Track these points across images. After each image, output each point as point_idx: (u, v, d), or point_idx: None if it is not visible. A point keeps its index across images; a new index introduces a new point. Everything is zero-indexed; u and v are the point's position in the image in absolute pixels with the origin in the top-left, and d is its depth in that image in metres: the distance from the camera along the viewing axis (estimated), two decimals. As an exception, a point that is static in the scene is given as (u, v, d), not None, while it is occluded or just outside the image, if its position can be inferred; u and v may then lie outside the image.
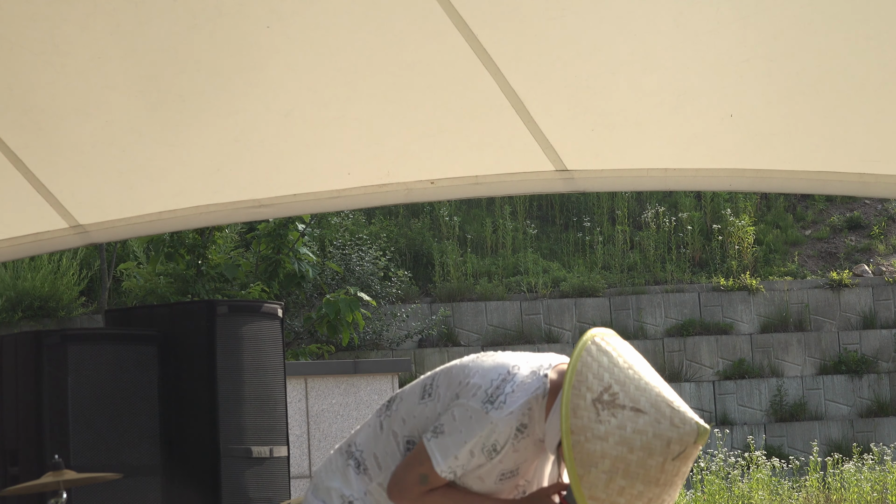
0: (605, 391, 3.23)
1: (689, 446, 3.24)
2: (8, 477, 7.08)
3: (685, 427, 3.24)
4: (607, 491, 3.20)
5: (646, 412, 3.21)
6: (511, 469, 3.44)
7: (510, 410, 3.34)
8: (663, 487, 3.24)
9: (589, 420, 3.20)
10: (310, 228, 15.13)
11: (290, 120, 5.23)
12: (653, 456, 3.20)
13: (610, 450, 3.18)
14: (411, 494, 3.41)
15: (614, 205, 19.94)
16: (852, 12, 4.12)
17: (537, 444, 3.45)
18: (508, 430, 3.34)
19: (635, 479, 3.19)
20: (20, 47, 4.82)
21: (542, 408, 3.38)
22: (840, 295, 18.11)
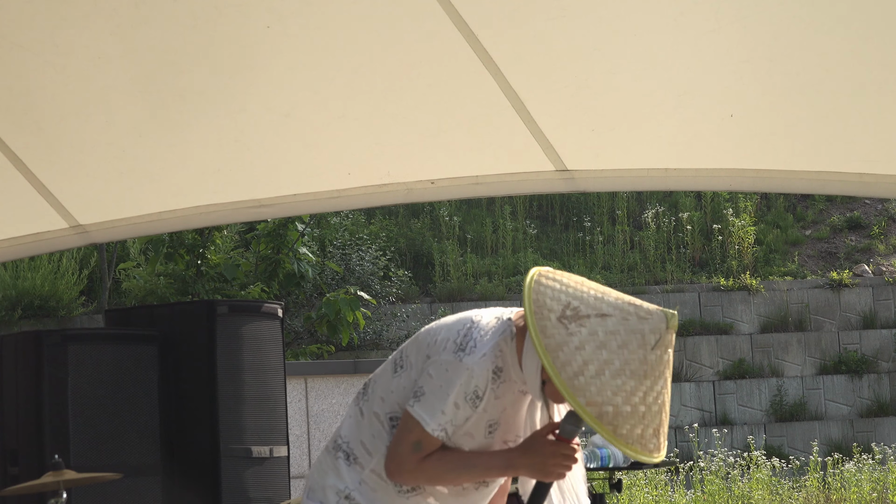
0: (566, 308, 3.30)
1: (662, 333, 3.28)
2: (8, 477, 7.08)
3: (652, 317, 3.30)
4: (601, 394, 3.21)
5: (611, 314, 3.29)
6: (496, 419, 3.44)
7: (483, 353, 3.37)
8: (654, 379, 3.25)
9: (560, 336, 3.25)
10: (309, 228, 15.13)
11: (290, 120, 5.23)
12: (632, 351, 3.25)
13: (590, 356, 3.23)
14: (408, 465, 3.39)
15: (614, 205, 19.94)
16: (852, 12, 4.12)
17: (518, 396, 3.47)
18: (485, 373, 3.36)
19: (623, 376, 3.22)
20: (20, 47, 4.82)
21: (512, 351, 3.42)
22: (840, 295, 18.11)
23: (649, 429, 3.27)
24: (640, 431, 3.26)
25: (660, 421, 3.29)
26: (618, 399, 3.21)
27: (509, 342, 3.42)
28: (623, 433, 3.24)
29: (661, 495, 14.20)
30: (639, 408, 3.23)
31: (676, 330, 3.32)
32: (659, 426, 3.29)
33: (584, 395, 3.21)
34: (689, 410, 17.25)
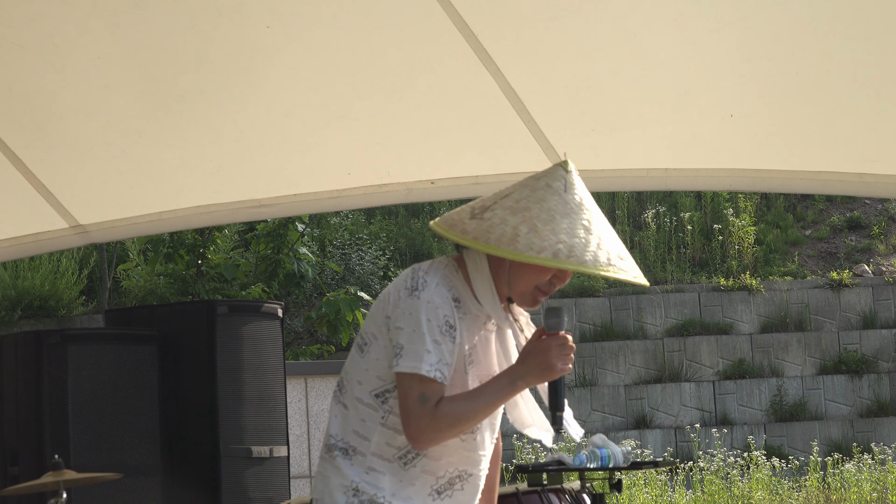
0: (472, 209, 3.42)
1: (565, 177, 3.39)
2: (8, 477, 7.08)
3: (548, 172, 3.42)
4: (547, 240, 3.30)
5: (511, 192, 3.41)
6: (469, 352, 3.43)
7: (434, 283, 3.39)
8: (584, 212, 3.37)
9: (482, 225, 3.34)
10: (309, 228, 15.13)
11: (290, 120, 5.23)
12: (549, 200, 3.35)
13: (517, 221, 3.32)
14: (425, 421, 3.33)
15: (614, 205, 19.94)
16: (852, 12, 4.12)
17: (485, 333, 3.48)
18: (447, 301, 3.37)
19: (554, 221, 3.33)
20: (20, 47, 4.82)
21: (462, 282, 3.44)
22: (840, 295, 18.11)
23: (613, 254, 3.36)
24: (606, 258, 3.35)
25: (619, 247, 3.39)
26: (562, 237, 3.30)
27: (455, 273, 3.45)
28: (588, 259, 3.33)
29: (660, 495, 14.20)
30: (587, 237, 3.34)
31: (575, 170, 3.43)
32: (621, 251, 3.39)
33: (533, 249, 3.28)
34: (689, 410, 17.25)
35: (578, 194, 3.39)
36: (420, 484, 3.43)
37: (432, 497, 3.44)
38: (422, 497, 3.44)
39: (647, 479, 14.30)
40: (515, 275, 3.43)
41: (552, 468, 6.54)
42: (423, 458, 3.42)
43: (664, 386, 17.31)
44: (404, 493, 3.43)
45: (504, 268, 3.43)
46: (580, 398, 17.22)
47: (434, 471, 3.45)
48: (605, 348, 17.55)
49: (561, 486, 6.49)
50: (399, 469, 3.43)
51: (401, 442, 3.41)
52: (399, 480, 3.42)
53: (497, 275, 3.45)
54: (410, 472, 3.43)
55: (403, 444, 3.41)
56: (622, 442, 14.27)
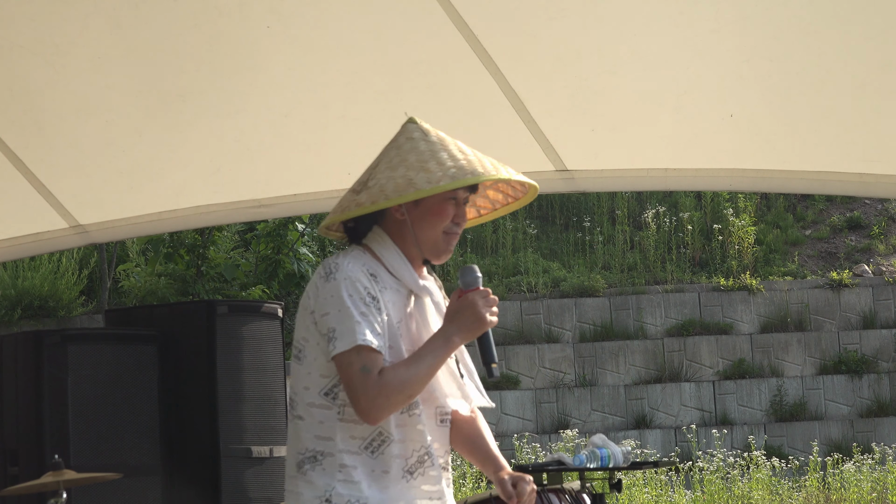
0: (352, 190, 3.52)
1: (418, 127, 3.57)
2: (8, 477, 7.07)
3: (400, 130, 3.59)
4: (437, 171, 3.44)
5: (379, 159, 3.56)
6: (397, 326, 3.46)
7: (347, 262, 3.44)
8: (451, 142, 3.55)
9: (373, 191, 3.46)
10: (309, 228, 15.13)
11: (290, 120, 5.23)
12: (417, 147, 3.52)
13: (402, 172, 3.46)
14: (372, 391, 3.36)
15: (614, 205, 19.94)
16: (852, 12, 4.12)
17: (407, 306, 3.50)
18: (362, 275, 3.42)
19: (434, 156, 3.49)
20: (20, 47, 4.82)
21: (373, 261, 3.49)
22: (840, 295, 18.11)
23: (498, 163, 3.54)
24: (493, 165, 3.53)
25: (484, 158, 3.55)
26: (449, 163, 3.46)
27: (364, 254, 3.50)
28: (484, 170, 3.47)
29: (660, 495, 14.20)
30: (469, 157, 3.51)
31: (412, 120, 3.60)
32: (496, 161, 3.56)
33: (432, 182, 3.41)
34: (689, 410, 17.26)
35: (437, 134, 3.56)
36: (394, 469, 3.45)
37: (406, 479, 3.46)
38: (396, 480, 3.45)
39: (647, 479, 14.30)
40: (420, 228, 3.50)
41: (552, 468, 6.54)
42: (390, 444, 3.44)
43: (664, 386, 17.31)
44: (381, 482, 3.44)
45: (407, 230, 3.50)
46: (580, 398, 17.22)
47: (403, 453, 3.46)
48: (605, 348, 17.55)
49: (561, 486, 6.49)
50: (369, 459, 3.44)
51: (364, 431, 3.42)
52: (372, 470, 3.43)
53: (403, 242, 3.52)
54: (381, 460, 3.44)
55: (367, 433, 3.43)
56: (622, 442, 14.26)
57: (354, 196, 3.48)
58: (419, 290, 3.53)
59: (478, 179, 3.46)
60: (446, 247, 3.55)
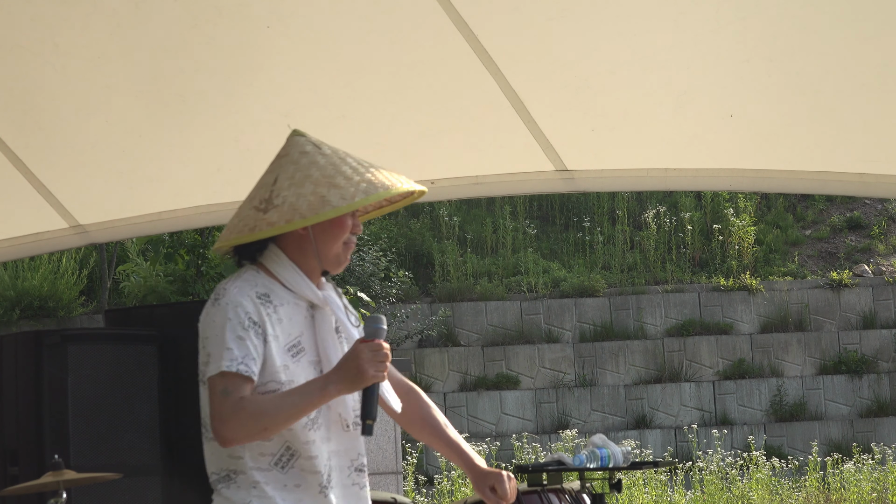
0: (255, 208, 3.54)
1: (308, 140, 3.63)
2: (8, 477, 7.07)
3: (289, 143, 3.65)
4: (348, 188, 3.48)
5: (275, 175, 3.57)
6: (295, 343, 3.49)
7: (235, 286, 3.48)
8: (345, 154, 3.60)
9: (283, 210, 3.47)
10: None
11: (290, 120, 5.22)
12: (316, 162, 3.55)
13: (311, 189, 3.48)
14: (226, 412, 3.43)
15: (614, 205, 19.94)
16: (852, 12, 4.12)
17: (309, 319, 3.54)
18: (247, 299, 3.45)
19: (338, 171, 3.53)
20: (20, 47, 4.82)
21: (267, 279, 3.52)
22: (840, 295, 18.11)
23: (390, 176, 3.57)
24: (395, 178, 3.57)
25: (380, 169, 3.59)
26: (356, 178, 3.49)
27: (258, 273, 3.52)
28: (390, 183, 3.53)
29: (660, 495, 14.20)
30: (371, 169, 3.55)
31: (299, 133, 3.67)
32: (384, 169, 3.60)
33: (346, 198, 3.44)
34: (689, 410, 17.26)
35: (328, 146, 3.60)
36: (306, 485, 3.48)
37: (323, 494, 3.49)
38: (312, 496, 3.48)
39: (647, 479, 14.30)
40: (323, 242, 3.52)
41: (552, 468, 6.54)
42: (299, 459, 3.48)
43: (664, 386, 17.31)
44: (294, 495, 3.48)
45: (308, 245, 3.52)
46: (580, 398, 17.22)
47: (315, 468, 3.49)
48: (605, 348, 17.55)
49: (561, 486, 6.49)
50: (280, 475, 3.48)
51: (272, 448, 3.47)
52: (284, 486, 3.48)
53: (302, 256, 3.53)
54: (292, 475, 3.48)
55: (276, 450, 3.48)
56: (622, 442, 14.26)
57: (261, 215, 3.48)
58: (320, 302, 3.56)
59: (389, 193, 3.52)
60: (346, 257, 3.60)
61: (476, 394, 17.11)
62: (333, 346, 3.54)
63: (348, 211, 3.46)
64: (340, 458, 3.56)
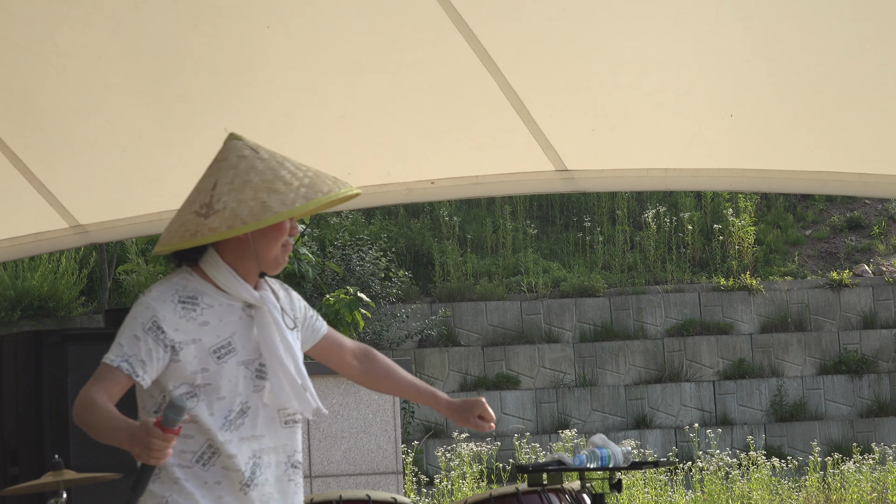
0: (195, 213, 3.58)
1: (246, 143, 3.66)
2: (8, 477, 7.08)
3: (226, 147, 3.67)
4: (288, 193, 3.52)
5: (214, 179, 3.61)
6: (223, 345, 3.54)
7: (159, 289, 3.56)
8: (283, 157, 3.65)
9: (224, 216, 3.52)
10: (310, 228, 15.13)
11: (290, 120, 5.23)
12: (255, 166, 3.59)
13: (251, 194, 3.52)
14: (80, 397, 3.49)
15: (614, 205, 19.93)
16: (852, 12, 4.12)
17: (245, 319, 3.59)
18: (165, 303, 3.52)
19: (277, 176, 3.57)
20: (20, 47, 4.82)
21: (199, 281, 3.58)
22: (840, 295, 18.11)
23: (327, 179, 3.61)
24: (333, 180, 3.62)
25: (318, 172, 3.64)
26: (295, 183, 3.54)
27: (189, 276, 3.59)
28: (330, 185, 3.59)
29: (660, 495, 14.20)
30: (309, 171, 3.60)
31: (236, 136, 3.69)
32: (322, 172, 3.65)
33: (286, 204, 3.48)
34: (689, 410, 17.26)
35: (266, 150, 3.65)
36: (227, 482, 3.54)
37: (244, 491, 3.55)
38: (233, 493, 3.55)
39: (647, 479, 14.30)
40: (262, 245, 3.58)
41: (552, 468, 6.54)
42: (220, 457, 3.54)
43: (664, 386, 17.31)
44: (215, 492, 3.54)
45: (247, 248, 3.57)
46: (580, 398, 17.23)
47: (235, 466, 3.55)
48: (605, 348, 17.55)
49: (561, 486, 6.49)
50: (201, 471, 3.54)
51: (194, 445, 3.53)
52: (204, 482, 3.54)
53: (239, 259, 3.59)
54: (213, 472, 3.54)
55: (198, 447, 3.54)
56: (622, 442, 14.26)
57: (203, 220, 3.53)
58: (257, 302, 3.61)
59: (328, 198, 3.58)
60: (284, 259, 3.65)
61: (476, 394, 17.11)
62: (273, 342, 3.60)
63: (290, 217, 3.52)
64: (277, 453, 3.63)
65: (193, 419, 3.49)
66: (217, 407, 3.54)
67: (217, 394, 3.54)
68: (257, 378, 3.60)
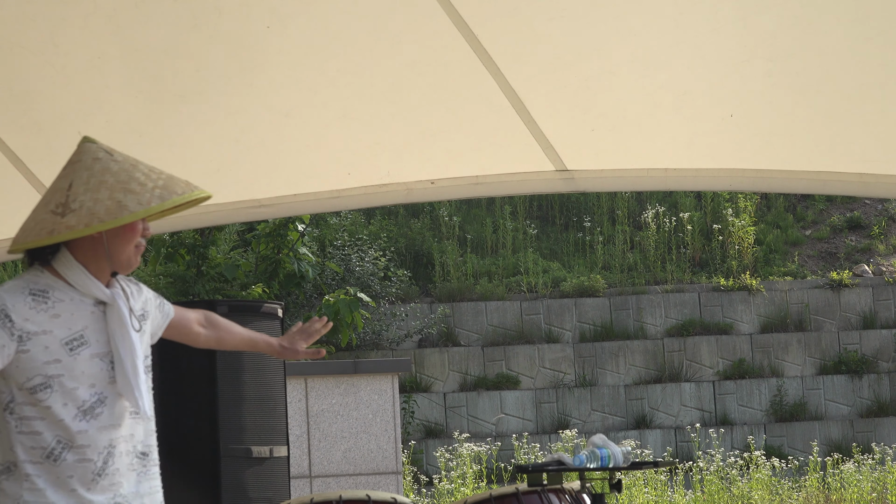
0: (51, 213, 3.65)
1: (100, 147, 3.76)
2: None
3: (80, 150, 3.78)
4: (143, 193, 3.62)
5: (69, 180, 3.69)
6: (75, 337, 3.63)
7: (10, 283, 3.68)
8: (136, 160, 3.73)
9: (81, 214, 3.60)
10: (310, 228, 15.12)
11: (290, 120, 5.23)
12: (109, 168, 3.69)
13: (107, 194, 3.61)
14: None
15: (614, 205, 19.94)
16: (852, 12, 4.12)
17: (97, 314, 3.67)
18: (16, 295, 3.64)
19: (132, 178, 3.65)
20: (20, 47, 4.82)
21: (50, 277, 3.68)
22: (840, 295, 18.11)
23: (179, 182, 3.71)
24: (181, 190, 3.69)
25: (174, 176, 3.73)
26: (149, 184, 3.64)
27: (40, 273, 3.70)
28: (181, 191, 3.67)
29: (660, 495, 14.21)
30: (163, 173, 3.70)
31: (90, 140, 3.80)
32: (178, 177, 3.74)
33: (143, 203, 3.58)
34: (689, 410, 17.26)
35: (120, 154, 3.74)
36: (79, 474, 3.61)
37: (95, 481, 3.62)
38: (86, 484, 3.61)
39: (647, 479, 14.31)
40: (115, 245, 3.68)
41: (552, 468, 6.54)
42: (70, 450, 3.60)
43: (664, 386, 17.32)
44: (66, 487, 3.60)
45: (100, 247, 3.67)
46: (580, 398, 17.23)
47: (86, 457, 3.62)
48: (605, 348, 17.55)
49: (561, 486, 6.49)
50: (52, 467, 3.59)
51: (42, 442, 3.59)
52: (57, 477, 3.59)
53: (92, 257, 3.68)
54: (64, 467, 3.60)
55: (46, 444, 3.59)
56: (622, 442, 14.27)
57: (59, 219, 3.62)
58: (108, 299, 3.70)
59: (184, 199, 3.67)
60: (136, 259, 3.75)
61: (476, 394, 17.11)
62: (122, 339, 3.71)
63: (145, 216, 3.61)
64: (127, 443, 3.72)
65: (45, 411, 3.57)
66: (71, 397, 3.61)
67: (71, 384, 3.61)
68: (112, 370, 3.71)
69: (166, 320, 4.09)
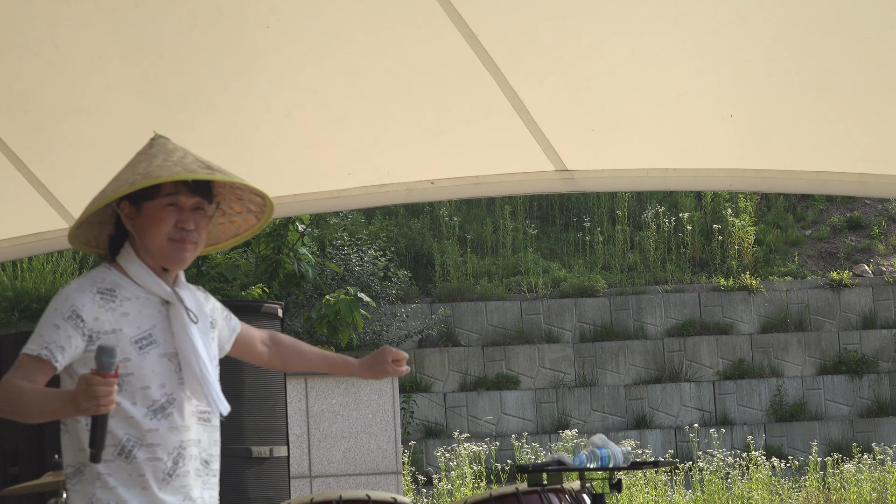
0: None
1: (162, 141, 3.80)
2: (8, 477, 7.08)
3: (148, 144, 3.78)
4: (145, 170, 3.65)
5: None
6: (146, 333, 3.62)
7: (78, 281, 3.64)
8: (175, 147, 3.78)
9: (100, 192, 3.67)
10: (310, 228, 15.12)
11: (290, 120, 5.23)
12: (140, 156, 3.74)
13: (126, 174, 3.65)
14: (3, 381, 3.54)
15: (614, 205, 19.94)
16: (852, 12, 4.12)
17: (163, 311, 3.67)
18: (84, 294, 3.59)
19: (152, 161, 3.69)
20: (20, 47, 4.82)
21: (117, 275, 3.67)
22: (840, 295, 18.11)
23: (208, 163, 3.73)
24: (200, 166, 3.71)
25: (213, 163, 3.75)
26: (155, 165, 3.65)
27: (108, 270, 3.68)
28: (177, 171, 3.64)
29: (660, 495, 14.21)
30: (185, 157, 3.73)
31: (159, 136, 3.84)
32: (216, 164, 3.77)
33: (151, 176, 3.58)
34: (689, 410, 17.26)
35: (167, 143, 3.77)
36: (150, 472, 3.60)
37: (165, 481, 3.61)
38: (156, 482, 3.60)
39: (647, 479, 14.31)
40: (144, 237, 3.67)
41: (552, 468, 6.54)
42: (141, 448, 3.59)
43: (664, 386, 17.31)
44: (138, 485, 3.59)
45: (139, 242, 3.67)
46: (580, 398, 17.22)
47: (156, 456, 3.61)
48: (605, 348, 17.55)
49: (561, 486, 6.49)
50: (124, 464, 3.58)
51: (113, 440, 3.57)
52: (129, 475, 3.58)
53: (144, 253, 3.68)
54: (136, 465, 3.59)
55: (117, 441, 3.57)
56: (622, 442, 14.27)
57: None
58: (169, 297, 3.69)
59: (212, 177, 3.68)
60: (174, 254, 3.69)
61: (476, 394, 17.11)
62: (185, 340, 3.67)
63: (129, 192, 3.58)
64: (195, 447, 3.70)
65: (116, 409, 3.50)
66: (140, 396, 3.59)
67: (140, 384, 3.59)
68: (179, 371, 3.68)
69: (233, 334, 4.07)
